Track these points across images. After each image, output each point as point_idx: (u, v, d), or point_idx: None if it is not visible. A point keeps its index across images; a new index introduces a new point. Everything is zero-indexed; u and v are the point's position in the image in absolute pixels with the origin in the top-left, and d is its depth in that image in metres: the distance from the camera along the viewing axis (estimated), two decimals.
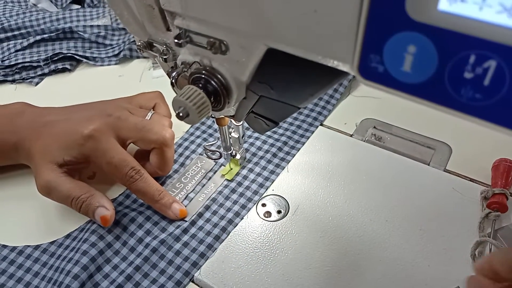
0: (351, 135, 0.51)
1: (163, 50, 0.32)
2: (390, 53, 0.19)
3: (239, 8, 0.24)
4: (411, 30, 0.18)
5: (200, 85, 0.29)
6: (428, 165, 0.47)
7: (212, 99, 0.29)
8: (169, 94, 0.32)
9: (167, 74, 0.35)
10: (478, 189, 0.43)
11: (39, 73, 0.65)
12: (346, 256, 0.40)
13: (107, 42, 0.68)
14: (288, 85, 0.28)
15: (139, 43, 0.32)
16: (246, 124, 0.49)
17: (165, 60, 0.32)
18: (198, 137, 0.52)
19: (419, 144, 0.49)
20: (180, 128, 0.53)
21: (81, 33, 0.68)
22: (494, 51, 0.16)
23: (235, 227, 0.43)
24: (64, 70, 0.66)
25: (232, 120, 0.41)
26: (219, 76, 0.29)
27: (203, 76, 0.29)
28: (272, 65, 0.27)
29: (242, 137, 0.45)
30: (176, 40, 0.29)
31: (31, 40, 0.67)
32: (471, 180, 0.45)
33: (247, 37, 0.26)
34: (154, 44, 0.32)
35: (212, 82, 0.29)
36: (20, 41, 0.68)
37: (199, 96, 0.28)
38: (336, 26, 0.20)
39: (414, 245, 0.40)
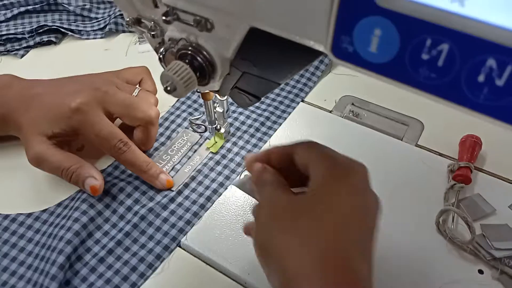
0: (330, 111, 0.54)
1: (151, 26, 0.33)
2: (359, 35, 0.21)
3: None
4: (377, 15, 0.20)
5: (187, 60, 0.31)
6: (401, 140, 0.50)
7: (198, 74, 0.31)
8: (155, 69, 0.34)
9: (154, 50, 0.36)
10: (446, 162, 0.47)
11: (24, 45, 0.65)
12: None
13: (92, 15, 0.69)
14: (269, 62, 0.30)
15: (127, 19, 0.34)
16: (230, 100, 0.51)
17: (153, 36, 0.33)
18: (184, 111, 0.54)
19: (393, 120, 0.52)
20: (166, 102, 0.55)
21: (66, 6, 0.68)
22: (446, 36, 0.19)
23: (219, 196, 0.45)
24: (49, 42, 0.66)
25: (217, 95, 0.43)
26: (204, 53, 0.31)
27: (189, 52, 0.31)
28: (255, 43, 0.29)
29: (227, 111, 0.47)
30: (164, 18, 0.30)
31: (15, 11, 0.67)
32: (440, 154, 0.48)
33: (231, 16, 0.27)
34: (142, 20, 0.34)
35: (198, 58, 0.31)
36: (3, 12, 0.68)
37: (185, 71, 0.30)
38: (311, 10, 0.22)
39: (385, 213, 0.43)
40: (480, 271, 0.39)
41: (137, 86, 0.50)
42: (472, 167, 0.44)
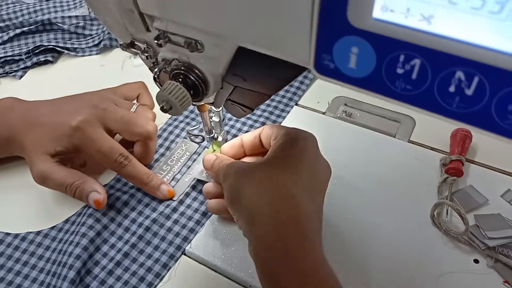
0: (324, 113, 0.55)
1: (144, 48, 0.35)
2: (338, 53, 0.23)
3: (210, 13, 0.27)
4: (353, 34, 0.21)
5: (180, 79, 0.32)
6: (394, 137, 0.51)
7: (191, 91, 0.33)
8: (151, 81, 0.36)
9: (149, 69, 0.38)
10: (438, 157, 0.48)
11: (22, 66, 0.67)
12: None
13: (87, 32, 0.70)
14: (258, 77, 0.31)
15: (121, 43, 0.35)
16: (228, 115, 0.53)
17: (147, 57, 0.35)
18: (181, 121, 0.55)
19: (386, 118, 0.54)
20: (164, 114, 0.56)
21: (60, 25, 0.69)
22: (417, 52, 0.20)
23: None
24: (46, 62, 0.68)
25: (212, 106, 0.45)
26: (196, 71, 0.32)
27: (182, 71, 0.32)
28: (244, 61, 0.30)
29: (223, 120, 0.48)
30: (156, 41, 0.32)
31: (11, 33, 0.69)
32: (432, 149, 0.50)
33: (220, 37, 0.29)
34: (136, 43, 0.35)
35: (191, 76, 0.32)
36: (0, 35, 0.69)
37: (180, 91, 0.31)
38: (294, 31, 0.24)
39: (381, 209, 0.45)
40: (476, 261, 0.40)
41: (135, 102, 0.51)
42: (464, 160, 0.46)
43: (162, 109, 0.32)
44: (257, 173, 0.36)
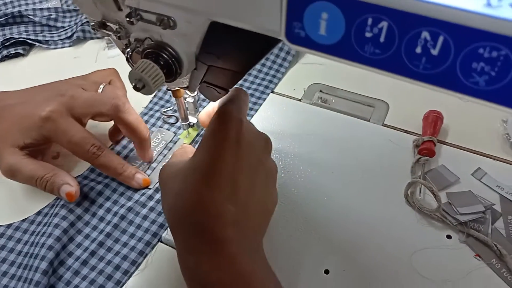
0: (300, 100, 0.56)
1: (116, 29, 0.34)
2: (308, 20, 0.23)
3: None
4: (322, 0, 0.22)
5: (153, 58, 0.32)
6: (369, 121, 0.52)
7: (165, 70, 0.32)
8: (125, 72, 0.34)
9: (121, 51, 0.37)
10: (411, 139, 0.49)
11: None
12: (297, 207, 0.44)
13: (59, 24, 0.69)
14: (232, 53, 0.31)
15: (93, 23, 0.35)
16: (202, 96, 0.52)
17: (119, 38, 0.34)
18: (157, 111, 0.55)
19: (360, 103, 0.54)
20: (139, 104, 0.56)
21: (31, 17, 0.68)
22: (385, 14, 0.20)
23: None
24: (17, 55, 0.66)
25: (187, 91, 0.44)
26: (169, 49, 0.32)
27: (155, 50, 0.32)
28: (216, 37, 0.30)
29: (197, 101, 0.48)
30: (127, 19, 0.31)
31: None
32: (406, 131, 0.51)
33: (192, 12, 0.29)
34: (107, 24, 0.34)
35: (164, 55, 0.32)
36: None
37: (153, 69, 0.31)
38: (264, 1, 0.24)
39: (357, 191, 0.45)
40: (448, 236, 0.41)
41: (102, 83, 0.49)
42: (436, 141, 0.47)
43: (134, 87, 0.31)
44: (172, 182, 0.35)
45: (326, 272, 0.39)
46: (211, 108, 0.43)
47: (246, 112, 0.39)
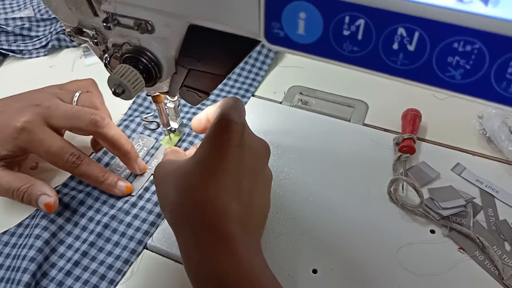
0: (280, 102, 0.56)
1: (93, 35, 0.34)
2: (287, 20, 0.23)
3: None
4: (300, 0, 0.22)
5: (132, 63, 0.32)
6: (349, 121, 0.53)
7: (144, 75, 0.32)
8: (103, 80, 0.33)
9: (99, 58, 0.37)
10: (391, 137, 0.50)
11: None
12: (283, 207, 0.44)
13: (33, 33, 0.68)
14: (211, 56, 0.31)
15: (68, 30, 0.34)
16: (183, 102, 0.52)
17: (96, 44, 0.34)
18: (137, 117, 0.54)
19: (340, 104, 0.55)
20: (118, 111, 0.55)
21: (4, 27, 0.66)
22: (361, 12, 0.21)
23: None
24: None
25: (168, 96, 0.44)
26: (148, 54, 0.32)
27: (133, 55, 0.32)
28: (195, 40, 0.30)
29: (178, 106, 0.48)
30: (104, 24, 0.31)
31: None
32: (385, 130, 0.51)
33: (170, 16, 0.29)
34: (84, 30, 0.34)
35: (143, 59, 0.32)
36: None
37: (132, 73, 0.31)
38: (242, 2, 0.24)
39: (341, 190, 0.46)
40: (432, 231, 0.42)
41: (78, 91, 0.48)
42: (415, 138, 0.48)
43: (114, 93, 0.31)
44: (174, 179, 0.35)
45: (314, 271, 0.39)
46: (203, 115, 0.42)
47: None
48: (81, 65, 0.64)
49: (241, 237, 0.31)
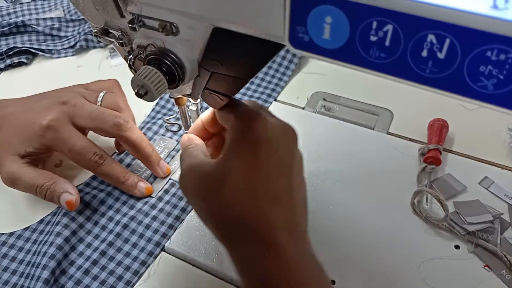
0: (303, 108, 0.55)
1: (118, 36, 0.34)
2: (312, 25, 0.23)
3: None
4: (326, 4, 0.21)
5: (156, 65, 0.32)
6: (373, 129, 0.52)
7: (167, 77, 0.32)
8: (128, 82, 0.32)
9: (124, 58, 0.37)
10: (416, 147, 0.48)
11: None
12: None
13: (62, 34, 0.69)
14: (235, 59, 0.31)
15: (95, 30, 0.35)
16: (205, 104, 0.52)
17: (121, 45, 0.34)
18: (159, 119, 0.55)
19: (364, 111, 0.54)
20: (142, 113, 0.55)
21: (35, 26, 0.68)
22: (390, 17, 0.20)
23: None
24: (20, 64, 0.66)
25: (190, 99, 0.44)
26: (172, 56, 0.32)
27: (157, 56, 0.32)
28: (219, 43, 0.30)
29: (200, 109, 0.47)
30: (130, 25, 0.31)
31: None
32: (410, 139, 0.50)
33: (194, 18, 0.29)
34: (110, 30, 0.34)
35: (166, 61, 0.32)
36: None
37: (155, 75, 0.31)
38: (267, 5, 0.24)
39: (363, 200, 0.45)
40: (457, 247, 0.40)
41: (102, 91, 0.49)
42: (441, 149, 0.46)
43: (137, 94, 0.31)
44: (209, 194, 0.32)
45: (333, 282, 0.39)
46: (198, 121, 0.41)
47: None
48: (107, 66, 0.65)
49: (288, 243, 0.30)
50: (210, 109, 0.39)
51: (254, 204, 0.30)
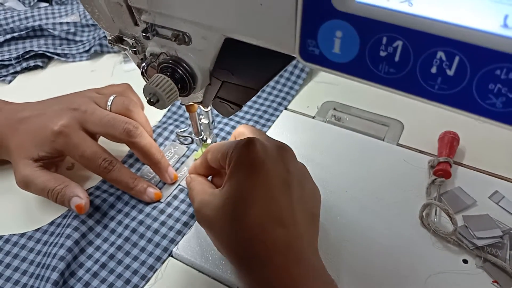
0: (313, 117, 0.55)
1: (132, 43, 0.35)
2: (323, 38, 0.23)
3: (198, 4, 0.27)
4: (337, 18, 0.22)
5: (168, 73, 0.32)
6: (383, 140, 0.52)
7: (179, 85, 0.33)
8: (141, 86, 0.34)
9: (137, 65, 0.38)
10: (426, 159, 0.48)
11: (12, 71, 0.66)
12: None
13: (77, 38, 0.70)
14: (246, 70, 0.31)
15: (110, 38, 0.35)
16: (215, 112, 0.53)
17: (135, 53, 0.35)
18: (170, 124, 0.55)
19: (374, 122, 0.54)
20: (153, 118, 0.56)
21: (51, 31, 0.69)
22: (400, 33, 0.20)
23: None
24: (36, 67, 0.68)
25: (201, 106, 0.45)
26: (184, 65, 0.32)
27: (170, 65, 0.32)
28: (231, 53, 0.30)
29: (212, 122, 0.48)
30: (143, 34, 0.32)
31: (1, 39, 0.69)
32: (420, 151, 0.50)
33: (207, 29, 0.29)
34: (124, 38, 0.35)
35: (179, 70, 0.32)
36: None
37: (167, 83, 0.31)
38: (278, 18, 0.24)
39: (371, 211, 0.45)
40: (465, 261, 0.40)
41: (112, 95, 0.49)
42: (451, 162, 0.46)
43: (149, 101, 0.31)
44: (217, 224, 0.36)
45: None
46: (202, 159, 0.43)
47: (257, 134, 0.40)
48: (121, 71, 0.66)
49: (293, 263, 0.31)
50: (200, 158, 0.43)
51: (259, 229, 0.33)
